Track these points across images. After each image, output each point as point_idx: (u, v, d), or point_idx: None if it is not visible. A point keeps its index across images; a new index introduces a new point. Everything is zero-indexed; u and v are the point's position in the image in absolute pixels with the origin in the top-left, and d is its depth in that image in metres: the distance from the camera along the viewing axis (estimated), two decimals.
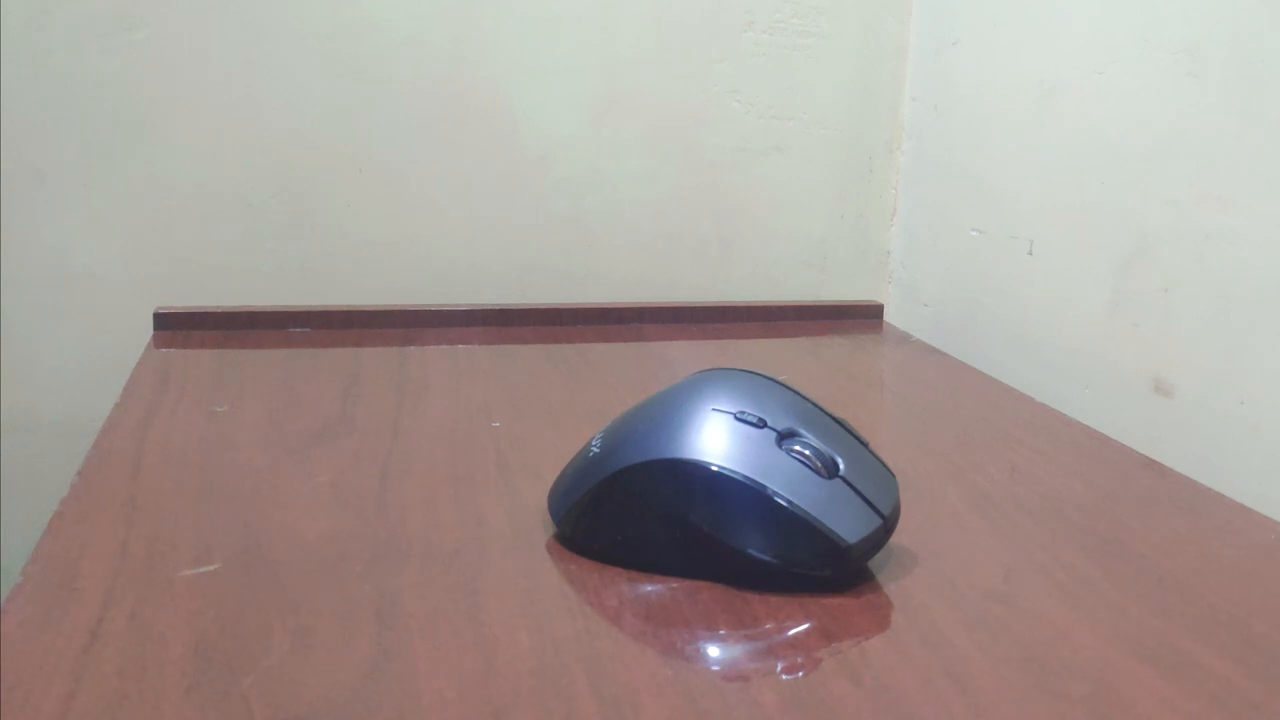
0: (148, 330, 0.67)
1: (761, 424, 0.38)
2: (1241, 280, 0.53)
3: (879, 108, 0.83)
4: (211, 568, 0.37)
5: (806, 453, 0.37)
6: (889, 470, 0.40)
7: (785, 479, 0.37)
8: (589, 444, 0.41)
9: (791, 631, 0.34)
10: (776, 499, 0.36)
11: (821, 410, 0.41)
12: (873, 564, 0.39)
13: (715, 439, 0.37)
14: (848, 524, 0.37)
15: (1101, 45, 0.62)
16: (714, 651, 0.34)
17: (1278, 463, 0.51)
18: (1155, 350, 0.59)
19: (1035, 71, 0.68)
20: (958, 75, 0.77)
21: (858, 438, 0.40)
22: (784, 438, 0.38)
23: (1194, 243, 0.56)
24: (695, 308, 0.76)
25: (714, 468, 0.37)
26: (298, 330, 0.68)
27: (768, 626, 0.35)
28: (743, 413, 0.38)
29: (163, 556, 0.37)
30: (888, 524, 0.38)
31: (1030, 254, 0.69)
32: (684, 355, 0.67)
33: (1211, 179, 0.55)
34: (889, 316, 0.82)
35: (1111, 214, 0.62)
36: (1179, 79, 0.57)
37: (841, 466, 0.38)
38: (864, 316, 0.79)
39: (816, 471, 0.37)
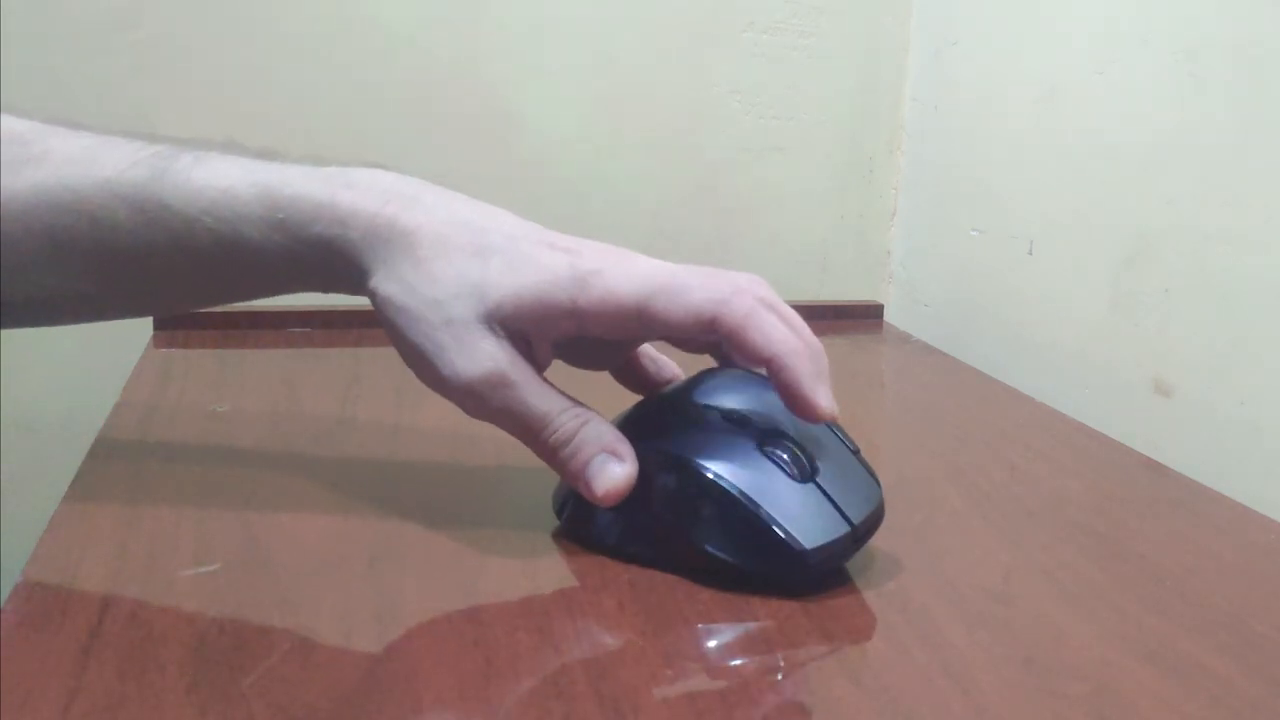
0: (148, 330, 0.66)
1: (746, 423, 0.38)
2: (1241, 280, 0.53)
3: (879, 108, 0.83)
4: (211, 568, 0.37)
5: (785, 456, 0.37)
6: (874, 479, 0.40)
7: (753, 478, 0.36)
8: None
9: (791, 631, 0.34)
10: (738, 496, 0.36)
11: None
12: (873, 564, 0.39)
13: (698, 435, 0.37)
14: (809, 530, 0.36)
15: (1102, 46, 0.62)
16: (714, 651, 0.34)
17: (1278, 463, 0.51)
18: (1155, 350, 0.59)
19: (1035, 72, 0.68)
20: (958, 75, 0.77)
21: (848, 445, 0.40)
22: (768, 439, 0.38)
23: (1194, 243, 0.56)
24: None
25: (685, 459, 0.37)
26: (298, 330, 0.68)
27: (768, 626, 0.35)
28: (731, 411, 0.38)
29: (163, 556, 0.37)
30: (856, 533, 0.37)
31: (1030, 254, 0.69)
32: (684, 355, 0.67)
33: (1211, 179, 0.55)
34: (889, 316, 0.82)
35: (1111, 214, 0.62)
36: (1179, 80, 0.57)
37: (820, 472, 0.37)
38: (864, 316, 0.79)
39: (791, 475, 0.37)
